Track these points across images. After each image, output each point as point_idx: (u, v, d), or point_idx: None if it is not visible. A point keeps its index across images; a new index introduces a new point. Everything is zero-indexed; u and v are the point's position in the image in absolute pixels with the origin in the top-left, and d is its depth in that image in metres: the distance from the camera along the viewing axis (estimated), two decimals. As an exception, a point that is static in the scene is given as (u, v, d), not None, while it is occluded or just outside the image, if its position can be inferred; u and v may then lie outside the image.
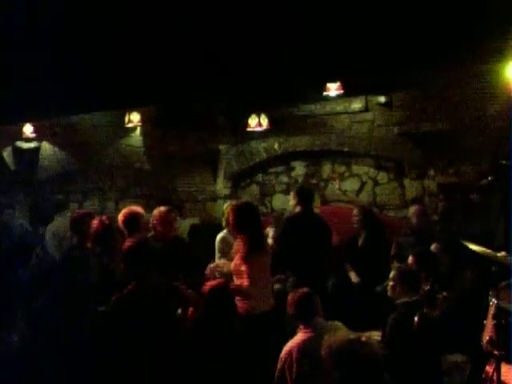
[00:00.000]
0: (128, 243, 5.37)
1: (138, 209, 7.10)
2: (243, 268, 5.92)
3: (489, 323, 5.01)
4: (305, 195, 7.62)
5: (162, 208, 7.30)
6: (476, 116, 8.61)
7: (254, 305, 5.93)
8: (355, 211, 8.70)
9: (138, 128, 10.25)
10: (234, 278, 6.05)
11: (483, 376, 4.97)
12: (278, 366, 5.19)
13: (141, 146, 10.47)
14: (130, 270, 5.28)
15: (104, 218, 6.68)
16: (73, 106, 7.28)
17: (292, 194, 7.80)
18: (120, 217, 6.88)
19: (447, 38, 5.49)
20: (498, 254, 4.90)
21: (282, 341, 5.43)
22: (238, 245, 6.19)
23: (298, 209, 7.55)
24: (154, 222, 7.19)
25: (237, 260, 6.04)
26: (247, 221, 6.15)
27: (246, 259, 5.92)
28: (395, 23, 5.14)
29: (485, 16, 5.45)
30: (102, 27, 4.97)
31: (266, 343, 5.75)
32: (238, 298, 6.02)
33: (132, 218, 6.85)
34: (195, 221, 10.11)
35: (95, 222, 6.52)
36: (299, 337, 5.26)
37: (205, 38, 5.08)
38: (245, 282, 5.89)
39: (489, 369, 4.90)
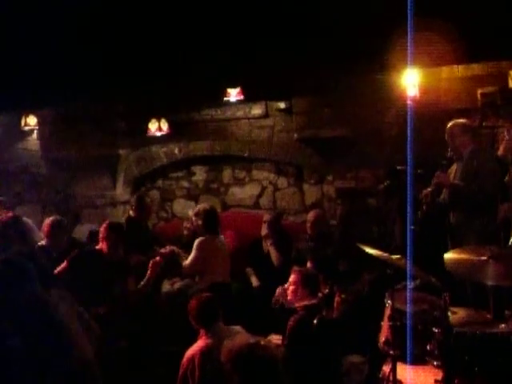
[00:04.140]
0: None
1: None
2: None
3: (385, 324, 5.12)
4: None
5: (51, 218, 7.35)
6: (373, 122, 8.80)
7: None
8: (266, 217, 8.72)
9: (35, 131, 9.99)
10: None
11: (380, 376, 5.08)
12: (180, 372, 5.15)
13: (37, 150, 10.19)
14: None
15: None
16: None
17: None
18: None
19: (344, 46, 5.59)
20: (393, 257, 5.02)
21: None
22: None
23: None
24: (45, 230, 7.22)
25: None
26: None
27: None
28: (267, 30, 5.19)
29: (380, 26, 5.57)
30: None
31: None
32: None
33: None
34: (94, 227, 9.91)
35: None
36: (201, 342, 5.25)
37: (105, 39, 5.00)
38: None
39: (385, 368, 5.02)
